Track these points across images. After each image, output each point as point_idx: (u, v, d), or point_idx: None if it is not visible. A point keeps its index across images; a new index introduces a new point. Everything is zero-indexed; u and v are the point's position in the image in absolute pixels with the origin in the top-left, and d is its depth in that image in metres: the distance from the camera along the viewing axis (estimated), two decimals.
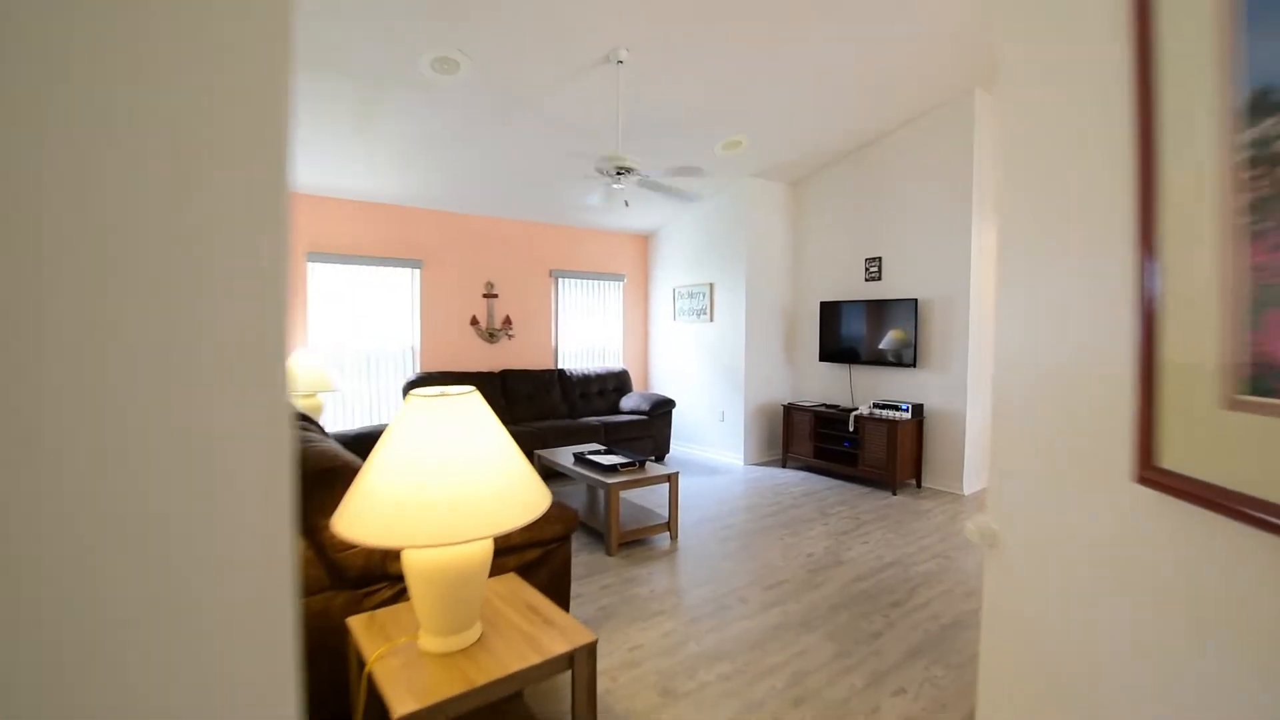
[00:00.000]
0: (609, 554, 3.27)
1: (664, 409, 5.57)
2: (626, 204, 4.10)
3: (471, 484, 1.24)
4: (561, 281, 6.08)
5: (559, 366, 6.03)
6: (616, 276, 6.48)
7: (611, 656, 2.24)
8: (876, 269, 4.97)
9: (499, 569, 1.85)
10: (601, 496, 3.83)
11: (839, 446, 4.88)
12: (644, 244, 6.72)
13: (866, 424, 4.65)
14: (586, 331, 6.31)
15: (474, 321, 5.51)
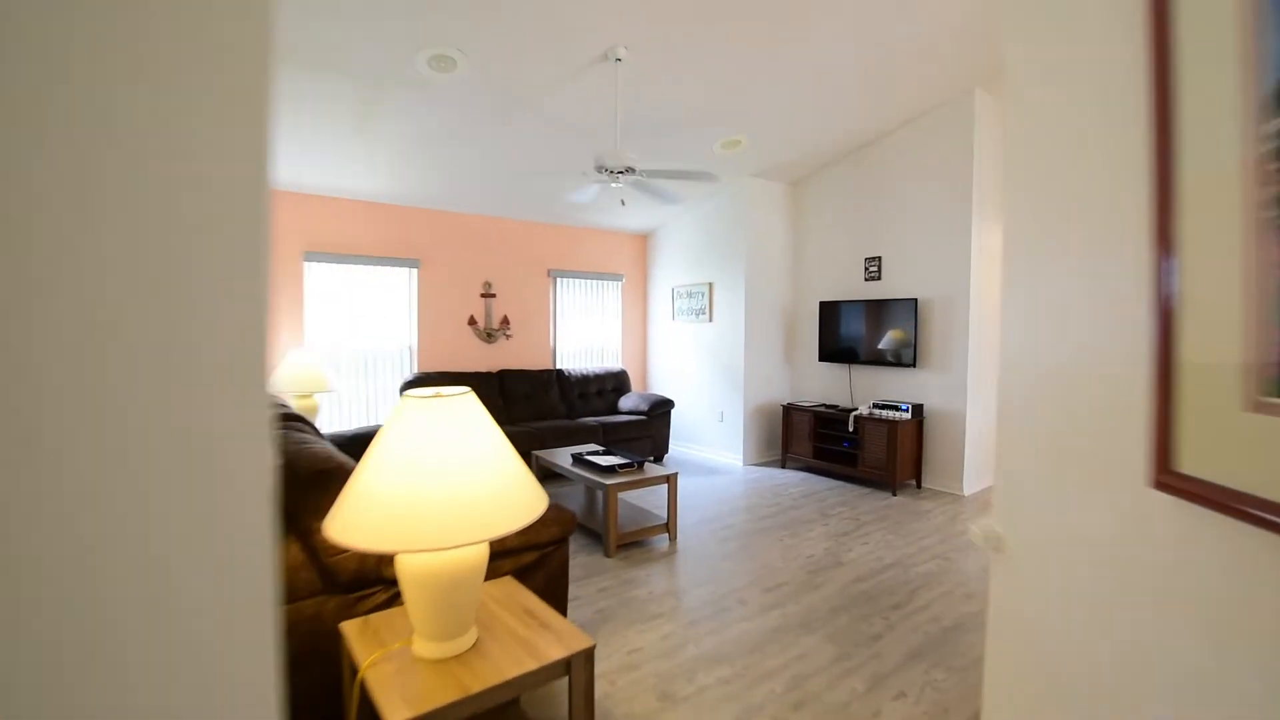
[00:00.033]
0: (607, 555, 3.24)
1: (663, 409, 5.55)
2: (623, 203, 4.08)
3: (466, 487, 1.22)
4: (560, 281, 6.06)
5: (557, 367, 6.00)
6: (615, 276, 6.45)
7: (610, 659, 2.22)
8: (876, 269, 4.95)
9: (495, 572, 1.83)
10: (600, 498, 3.80)
11: (838, 447, 4.86)
12: (643, 244, 6.70)
13: (866, 424, 4.63)
14: (585, 331, 6.28)
15: (472, 321, 5.48)
